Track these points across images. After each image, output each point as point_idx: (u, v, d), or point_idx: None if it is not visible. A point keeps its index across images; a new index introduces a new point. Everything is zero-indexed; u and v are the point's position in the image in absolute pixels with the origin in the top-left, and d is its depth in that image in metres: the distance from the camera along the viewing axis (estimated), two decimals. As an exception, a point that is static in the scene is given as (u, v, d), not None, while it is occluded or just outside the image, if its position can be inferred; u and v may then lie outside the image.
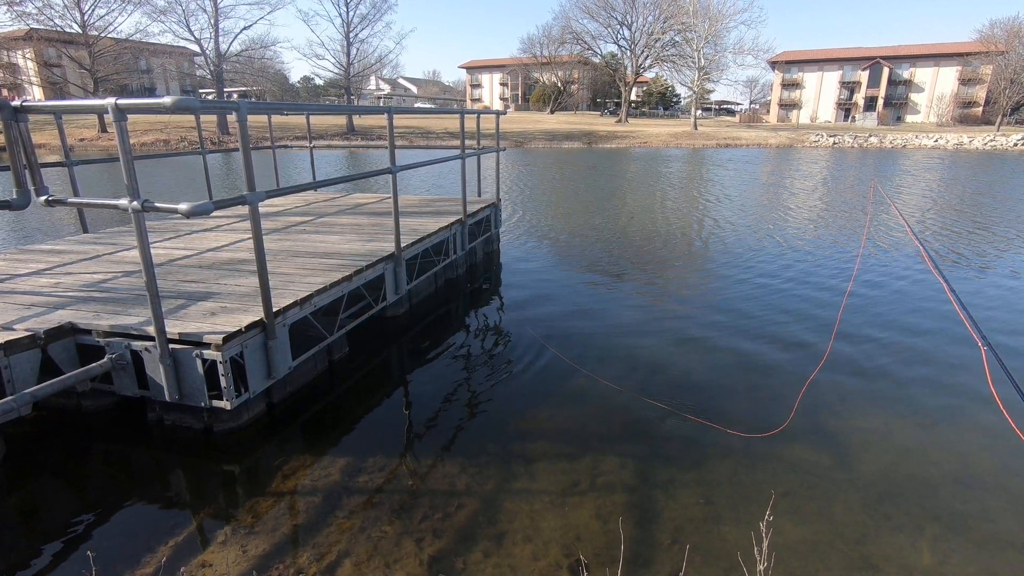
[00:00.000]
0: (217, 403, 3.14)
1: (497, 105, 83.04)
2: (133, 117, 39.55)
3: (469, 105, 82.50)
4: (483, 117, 7.45)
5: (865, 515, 2.75)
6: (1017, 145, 39.18)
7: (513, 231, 9.76)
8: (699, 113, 58.64)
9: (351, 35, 45.98)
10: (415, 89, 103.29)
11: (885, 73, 63.47)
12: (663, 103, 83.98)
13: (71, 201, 3.20)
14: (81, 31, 37.96)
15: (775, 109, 70.88)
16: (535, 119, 57.73)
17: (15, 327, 3.17)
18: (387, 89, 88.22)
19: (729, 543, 2.55)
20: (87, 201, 3.15)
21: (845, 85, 66.92)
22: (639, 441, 3.39)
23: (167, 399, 3.14)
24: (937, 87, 62.81)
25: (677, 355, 4.63)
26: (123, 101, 2.62)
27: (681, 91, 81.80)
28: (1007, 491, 2.94)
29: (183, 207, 2.65)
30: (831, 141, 42.72)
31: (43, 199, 3.24)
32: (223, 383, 3.08)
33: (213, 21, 40.61)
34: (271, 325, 3.33)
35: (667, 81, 78.10)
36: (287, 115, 39.65)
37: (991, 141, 40.37)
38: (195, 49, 43.94)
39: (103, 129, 38.90)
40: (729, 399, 3.90)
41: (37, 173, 3.31)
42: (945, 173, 21.61)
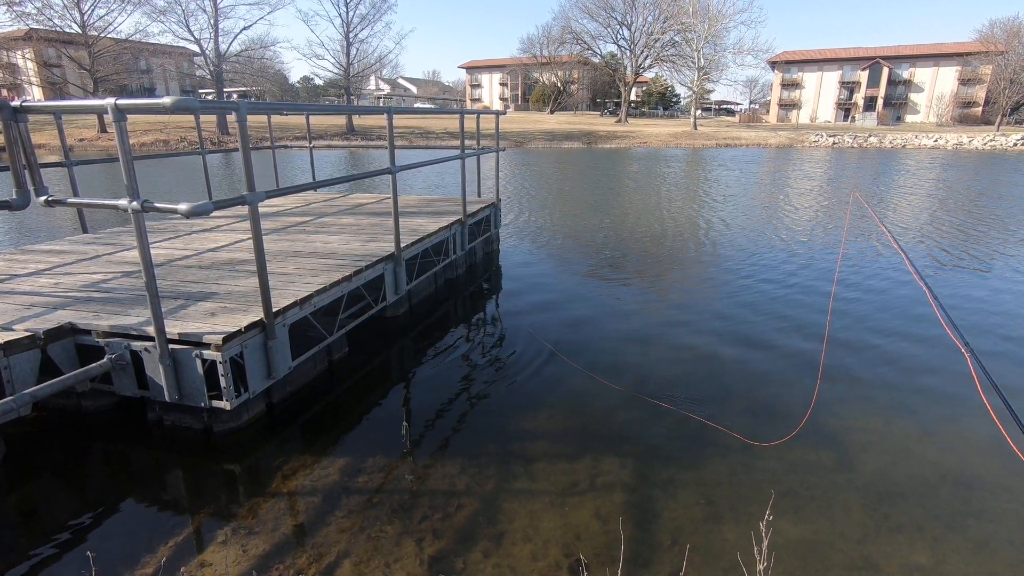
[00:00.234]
0: (217, 403, 3.14)
1: (497, 105, 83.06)
2: (133, 117, 39.56)
3: (469, 105, 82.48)
4: (483, 117, 7.45)
5: (865, 515, 2.75)
6: (1017, 145, 39.20)
7: (513, 231, 9.76)
8: (699, 113, 58.66)
9: (351, 35, 46.03)
10: (415, 89, 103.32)
11: (885, 73, 63.50)
12: (663, 103, 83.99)
13: (71, 201, 3.20)
14: (81, 31, 37.96)
15: (775, 109, 70.90)
16: (535, 119, 57.74)
17: (15, 327, 3.17)
18: (387, 89, 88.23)
19: (729, 543, 2.55)
20: (87, 201, 3.15)
21: (845, 85, 66.95)
22: (639, 441, 3.39)
23: (167, 399, 3.14)
24: (937, 87, 62.84)
25: (677, 355, 4.63)
26: (122, 101, 2.61)
27: (681, 91, 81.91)
28: (1007, 491, 2.95)
29: (183, 207, 2.65)
30: (831, 141, 42.73)
31: (43, 199, 3.24)
32: (223, 383, 3.08)
33: (213, 21, 40.64)
34: (271, 325, 3.33)
35: (667, 81, 78.16)
36: (287, 115, 39.64)
37: (991, 141, 40.38)
38: (195, 49, 44.00)
39: (103, 129, 38.90)
40: (729, 399, 3.90)
41: (37, 173, 3.31)
42: (946, 174, 21.62)
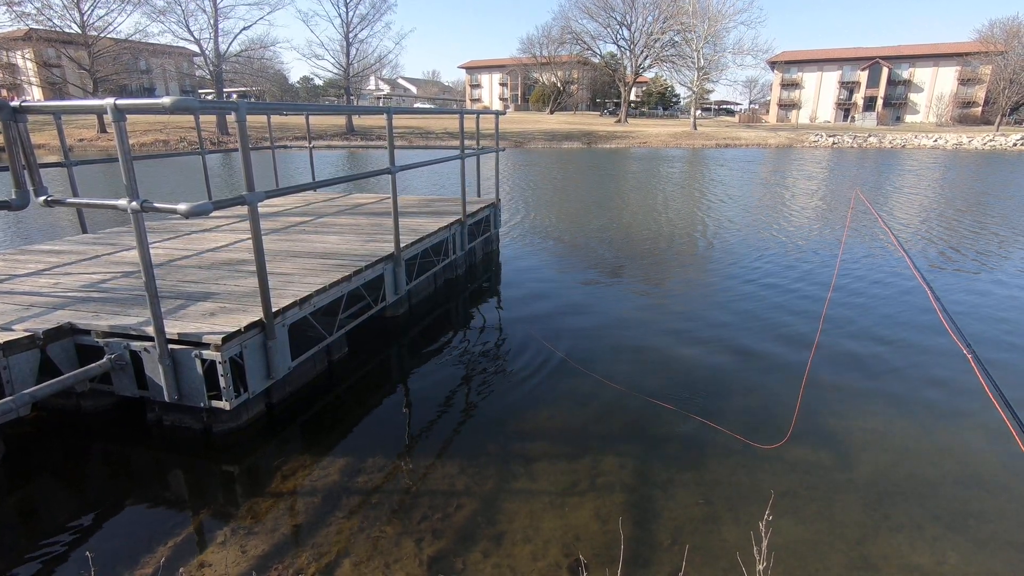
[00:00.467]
0: (216, 403, 3.14)
1: (496, 105, 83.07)
2: (132, 117, 39.55)
3: (468, 105, 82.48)
4: (482, 117, 7.45)
5: (864, 515, 2.75)
6: (1016, 145, 39.21)
7: (513, 231, 9.76)
8: (698, 113, 58.68)
9: (350, 35, 46.01)
10: (414, 89, 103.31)
11: (884, 73, 63.53)
12: (662, 103, 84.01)
13: (70, 201, 3.20)
14: (80, 31, 37.93)
15: (774, 109, 70.93)
16: (534, 119, 57.74)
17: (14, 327, 3.17)
18: (386, 89, 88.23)
19: (728, 543, 2.55)
20: (86, 201, 3.15)
21: (844, 85, 66.98)
22: (638, 441, 3.39)
23: (166, 399, 3.14)
24: (936, 87, 62.87)
25: (677, 355, 4.63)
26: (122, 101, 2.61)
27: (680, 91, 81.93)
28: (1006, 491, 2.95)
29: (182, 207, 2.65)
30: (830, 141, 42.74)
31: (42, 199, 3.24)
32: (222, 383, 3.08)
33: (212, 21, 40.61)
34: (270, 325, 3.33)
35: (666, 81, 78.18)
36: (286, 115, 39.57)
37: (990, 141, 40.39)
38: (194, 49, 43.95)
39: (102, 129, 38.88)
40: (729, 399, 3.90)
41: (36, 173, 3.31)
42: (946, 174, 21.63)
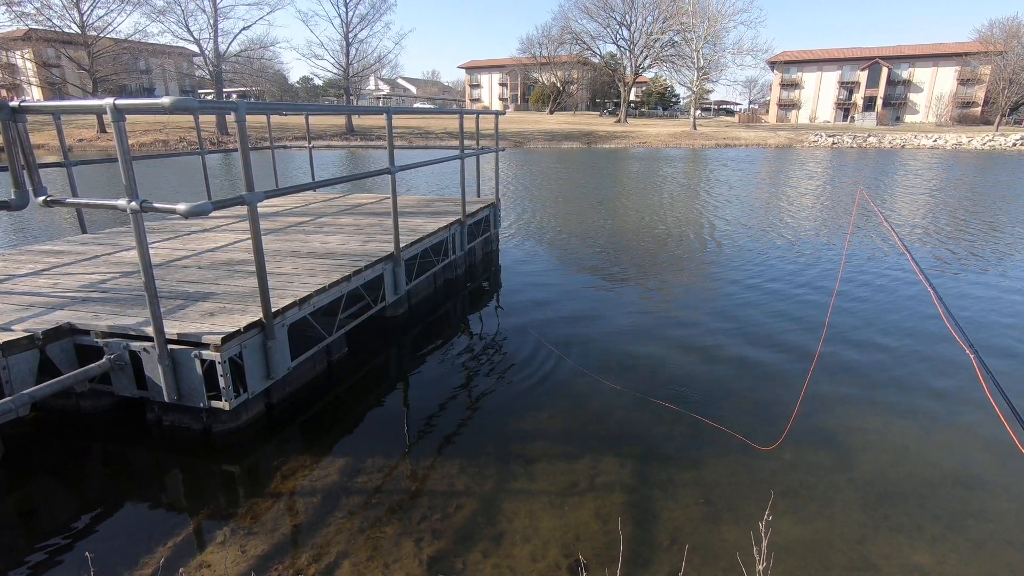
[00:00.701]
0: (216, 403, 3.14)
1: (496, 105, 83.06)
2: (132, 118, 39.52)
3: (468, 105, 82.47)
4: (482, 117, 7.45)
5: (864, 515, 2.75)
6: (1016, 145, 39.22)
7: (512, 231, 9.76)
8: (698, 113, 58.68)
9: (350, 35, 46.01)
10: (414, 89, 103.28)
11: (884, 73, 63.54)
12: (662, 103, 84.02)
13: (69, 201, 3.20)
14: (80, 31, 37.92)
15: (774, 109, 70.92)
16: (534, 119, 57.74)
17: (13, 327, 3.16)
18: (386, 89, 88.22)
19: (728, 543, 2.55)
20: (85, 201, 3.15)
21: (844, 85, 66.98)
22: (638, 441, 3.39)
23: (166, 399, 3.14)
24: (936, 87, 62.87)
25: (677, 354, 4.63)
26: (121, 101, 2.61)
27: (680, 91, 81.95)
28: (1006, 491, 2.95)
29: (181, 207, 2.65)
30: (830, 141, 42.74)
31: (41, 199, 3.23)
32: (222, 383, 3.07)
33: (212, 21, 40.62)
34: (270, 325, 3.33)
35: (666, 81, 78.19)
36: (286, 115, 39.58)
37: (990, 141, 40.40)
38: (194, 49, 43.95)
39: (102, 129, 38.86)
40: (729, 399, 3.89)
41: (35, 173, 3.31)
42: (947, 173, 21.63)
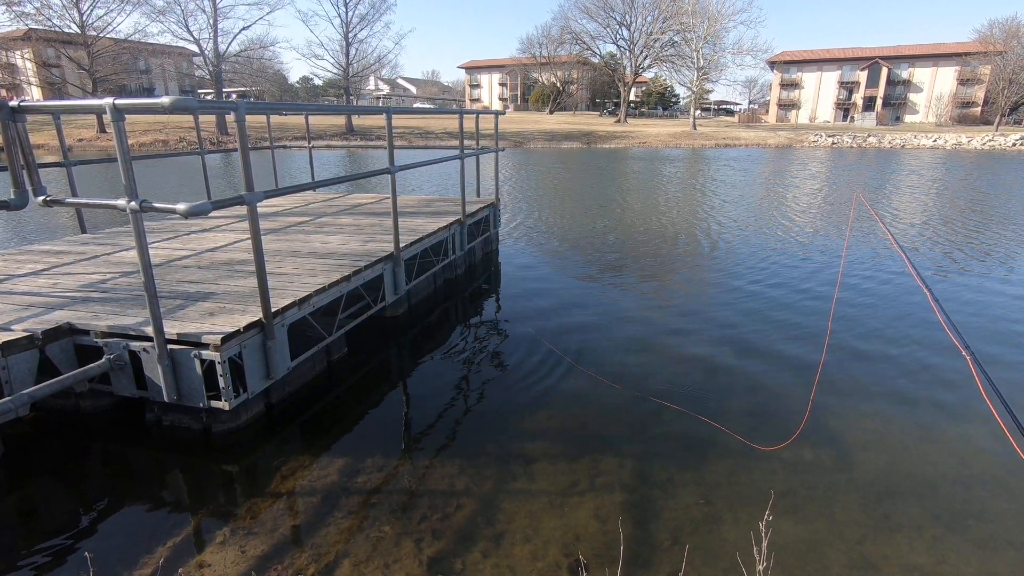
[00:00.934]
0: (215, 403, 3.13)
1: (496, 105, 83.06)
2: (132, 117, 39.51)
3: (468, 105, 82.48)
4: (482, 117, 7.45)
5: (864, 515, 2.75)
6: (1015, 145, 39.23)
7: (512, 231, 9.76)
8: (698, 113, 58.68)
9: (350, 35, 46.03)
10: (414, 89, 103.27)
11: (884, 73, 63.54)
12: (662, 103, 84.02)
13: (69, 201, 3.20)
14: (80, 31, 37.90)
15: (774, 109, 70.93)
16: (534, 119, 57.74)
17: (13, 327, 3.16)
18: (386, 89, 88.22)
19: (728, 543, 2.54)
20: (85, 201, 3.15)
21: (844, 85, 66.98)
22: (638, 441, 3.39)
23: (165, 399, 3.14)
24: (936, 87, 62.88)
25: (677, 354, 4.63)
26: (121, 101, 2.61)
27: (680, 91, 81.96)
28: (1006, 491, 2.94)
29: (181, 207, 2.65)
30: (830, 141, 42.75)
31: (41, 199, 3.23)
32: (221, 383, 3.07)
33: (212, 21, 40.61)
34: (270, 325, 3.33)
35: (666, 81, 78.18)
36: (286, 115, 39.59)
37: (990, 141, 40.41)
38: (194, 49, 43.94)
39: (102, 129, 38.86)
40: (729, 399, 3.89)
41: (35, 173, 3.31)
42: (947, 174, 21.63)
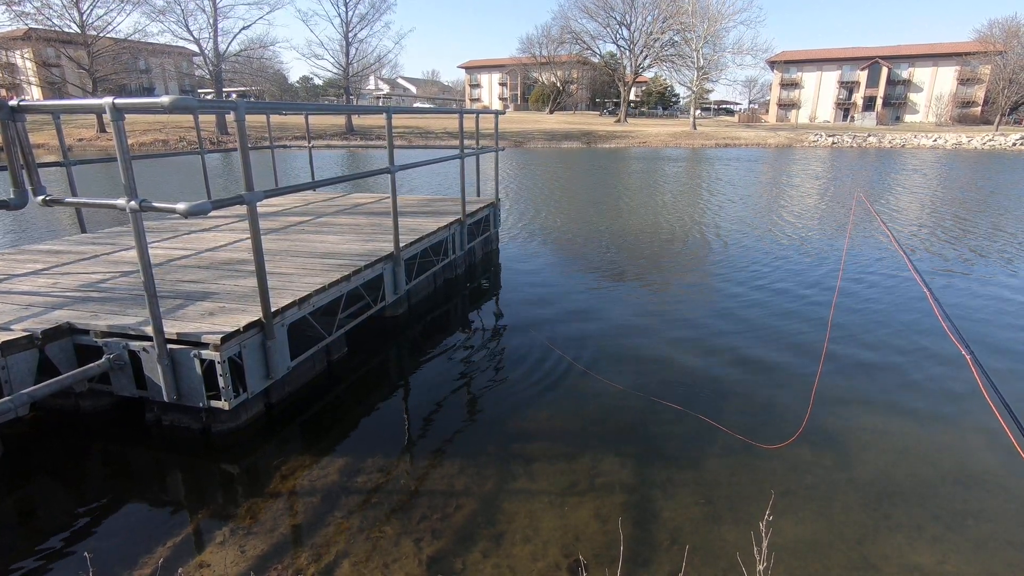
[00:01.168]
0: (215, 403, 3.13)
1: (496, 105, 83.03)
2: (132, 117, 39.50)
3: (468, 105, 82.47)
4: (482, 117, 7.44)
5: (864, 515, 2.75)
6: (1016, 144, 39.23)
7: (512, 231, 9.76)
8: (698, 113, 58.66)
9: (350, 35, 46.01)
10: (414, 89, 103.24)
11: (884, 73, 63.53)
12: (662, 103, 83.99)
13: (69, 201, 3.20)
14: (80, 31, 37.88)
15: (774, 109, 70.92)
16: (534, 119, 57.72)
17: (13, 327, 3.16)
18: (386, 89, 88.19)
19: (728, 543, 2.54)
20: (85, 201, 3.15)
21: (844, 85, 66.98)
22: (638, 441, 3.39)
23: (165, 399, 3.13)
24: (936, 87, 62.87)
25: (677, 354, 4.63)
26: (120, 101, 2.61)
27: (680, 91, 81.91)
28: (1006, 491, 2.94)
29: (181, 207, 2.65)
30: (830, 141, 42.75)
31: (40, 199, 3.23)
32: (221, 383, 3.07)
33: (212, 21, 40.60)
34: (269, 325, 3.33)
35: (666, 81, 78.11)
36: (286, 115, 39.60)
37: (990, 141, 40.41)
38: (194, 49, 43.93)
39: (102, 129, 38.84)
40: (730, 399, 3.89)
41: (34, 173, 3.30)
42: (948, 173, 21.63)
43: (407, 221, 6.17)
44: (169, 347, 3.07)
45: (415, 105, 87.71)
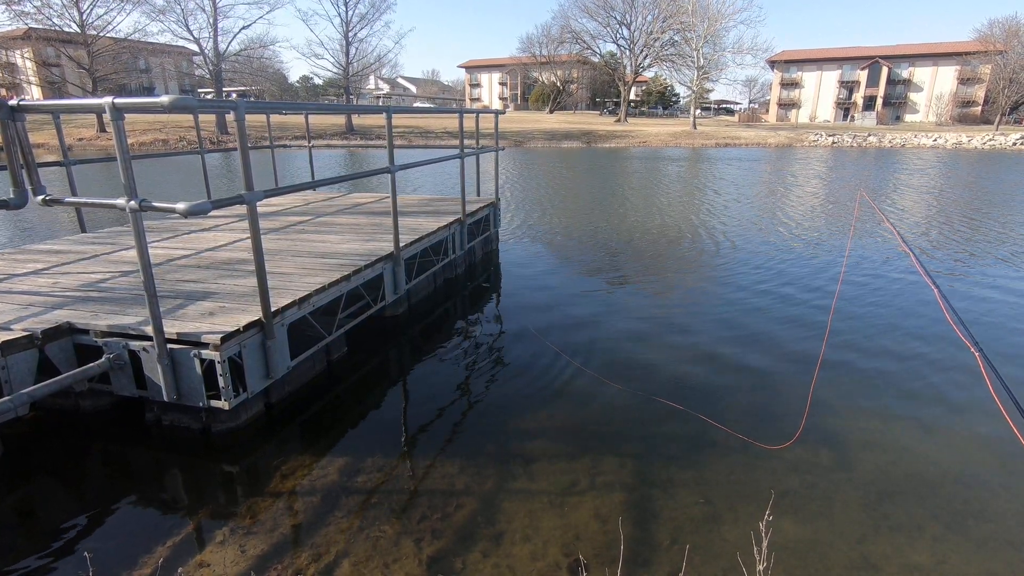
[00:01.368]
0: (215, 403, 3.13)
1: (496, 104, 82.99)
2: (132, 117, 39.48)
3: (468, 104, 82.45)
4: (482, 116, 7.44)
5: (864, 514, 2.75)
6: (1016, 144, 39.21)
7: (512, 230, 9.75)
8: (698, 112, 58.63)
9: (350, 34, 46.00)
10: (414, 88, 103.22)
11: (884, 72, 63.50)
12: (662, 102, 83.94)
13: (69, 200, 3.20)
14: (80, 30, 37.87)
15: (774, 108, 70.88)
16: (534, 119, 57.70)
17: (12, 327, 3.16)
18: (386, 88, 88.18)
19: (729, 543, 2.54)
20: (85, 200, 3.14)
21: (844, 84, 66.94)
22: (638, 440, 3.39)
23: (165, 399, 3.13)
24: (936, 86, 62.83)
25: (678, 354, 4.63)
26: (120, 100, 2.61)
27: (680, 90, 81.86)
28: (1006, 491, 2.94)
29: (181, 206, 2.65)
30: (830, 140, 42.73)
31: (40, 198, 3.23)
32: (221, 383, 3.07)
33: (212, 20, 40.60)
34: (269, 325, 3.32)
35: (666, 80, 78.04)
36: (286, 114, 39.51)
37: (990, 140, 40.39)
38: (194, 49, 43.92)
39: (102, 129, 38.83)
40: (730, 398, 3.89)
41: (34, 172, 3.30)
42: (950, 172, 21.62)
43: (407, 221, 6.17)
44: (169, 347, 3.07)
45: (415, 105, 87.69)
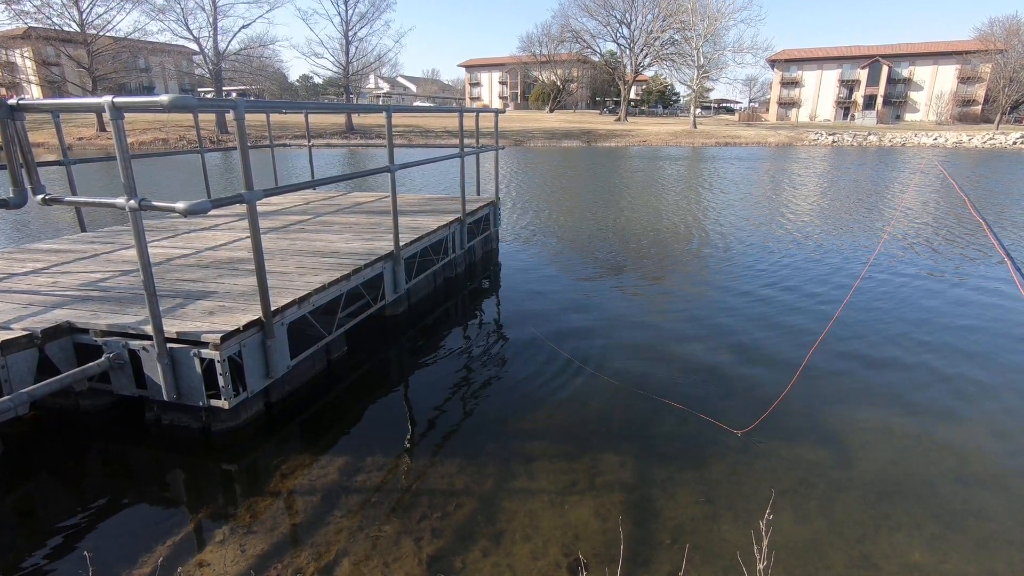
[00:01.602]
0: (215, 402, 3.13)
1: (496, 104, 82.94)
2: (132, 116, 39.48)
3: (468, 104, 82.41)
4: (482, 116, 7.43)
5: (864, 514, 2.75)
6: (1016, 143, 39.19)
7: (512, 230, 9.75)
8: (698, 111, 58.59)
9: (350, 34, 46.01)
10: (414, 88, 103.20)
11: (884, 71, 63.45)
12: (662, 101, 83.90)
13: (68, 200, 3.20)
14: (79, 30, 37.84)
15: (774, 107, 70.84)
16: (534, 118, 57.67)
17: (12, 326, 3.16)
18: (386, 88, 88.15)
19: (728, 542, 2.54)
20: (84, 200, 3.14)
21: (844, 83, 66.89)
22: (638, 439, 3.38)
23: (165, 398, 3.13)
24: (936, 85, 62.79)
25: (678, 353, 4.62)
26: (119, 99, 2.60)
27: (680, 89, 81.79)
28: (1007, 490, 2.94)
29: (180, 206, 2.65)
30: (830, 140, 42.72)
31: (40, 198, 3.23)
32: (221, 382, 3.07)
33: (212, 20, 40.60)
34: (269, 324, 3.32)
35: (666, 79, 78.00)
36: (285, 114, 39.58)
37: (990, 139, 40.38)
38: (194, 48, 43.94)
39: (102, 128, 38.82)
40: (731, 398, 3.89)
41: (34, 172, 3.30)
42: (955, 171, 21.62)
43: (407, 220, 6.16)
44: (169, 346, 3.07)
45: (415, 104, 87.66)
